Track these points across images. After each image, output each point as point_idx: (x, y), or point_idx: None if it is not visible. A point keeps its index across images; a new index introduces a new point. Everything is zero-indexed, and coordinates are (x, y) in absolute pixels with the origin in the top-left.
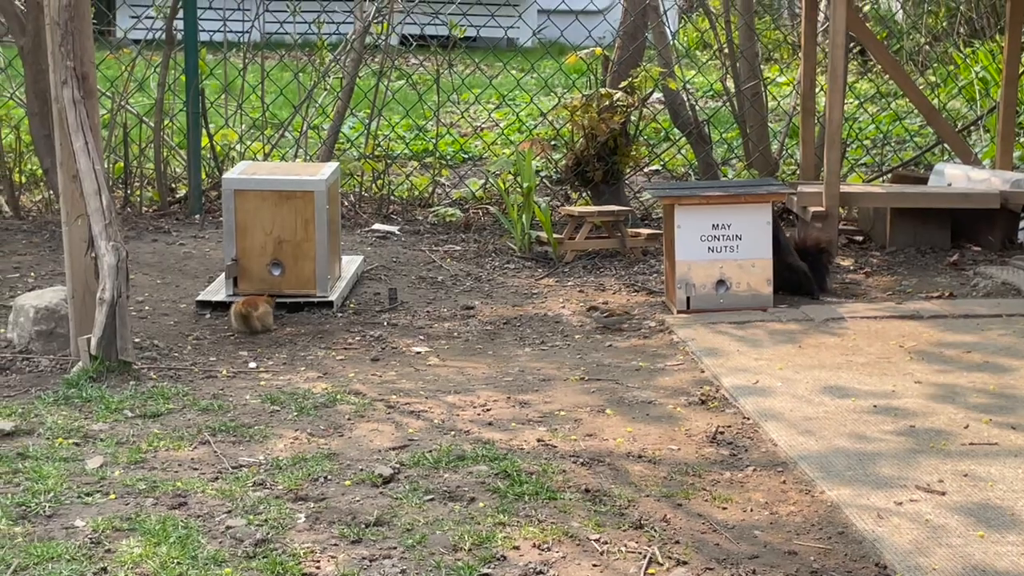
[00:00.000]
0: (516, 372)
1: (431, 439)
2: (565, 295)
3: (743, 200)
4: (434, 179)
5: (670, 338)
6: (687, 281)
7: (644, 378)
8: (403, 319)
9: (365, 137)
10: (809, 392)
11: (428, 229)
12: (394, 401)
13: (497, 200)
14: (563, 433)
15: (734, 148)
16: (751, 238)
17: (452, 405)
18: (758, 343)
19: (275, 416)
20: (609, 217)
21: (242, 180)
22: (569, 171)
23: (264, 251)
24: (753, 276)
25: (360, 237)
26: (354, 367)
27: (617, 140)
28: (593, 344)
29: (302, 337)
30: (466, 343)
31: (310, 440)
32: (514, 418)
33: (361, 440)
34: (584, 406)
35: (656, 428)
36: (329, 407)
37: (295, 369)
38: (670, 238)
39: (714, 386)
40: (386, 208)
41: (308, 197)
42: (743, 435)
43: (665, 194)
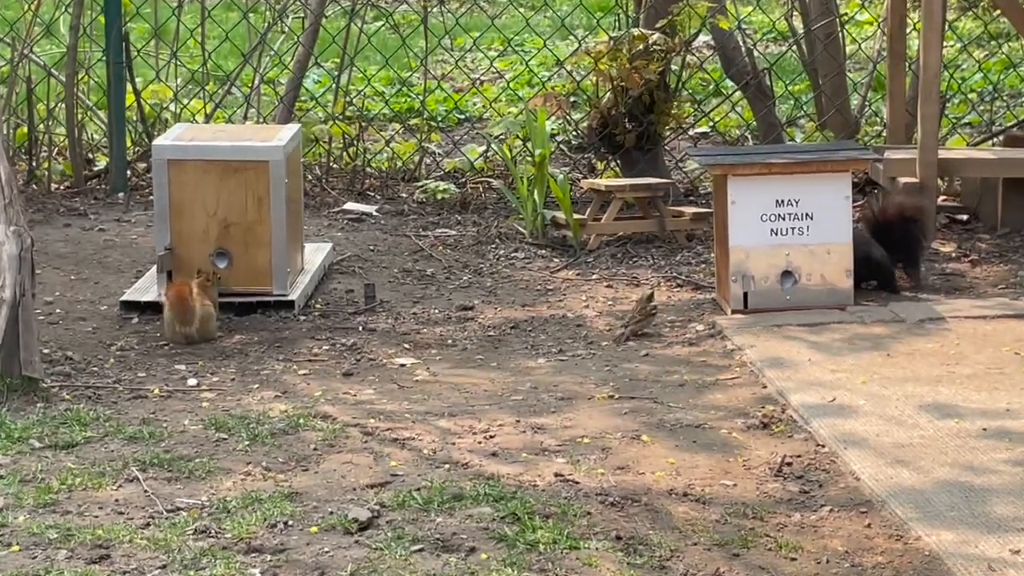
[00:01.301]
0: (527, 389)
1: (420, 474)
2: (589, 291)
3: (815, 169)
4: (421, 146)
5: (723, 345)
6: (744, 273)
7: (690, 395)
8: (383, 323)
9: (333, 93)
10: (901, 411)
11: (414, 209)
12: (372, 426)
13: (502, 172)
14: (587, 465)
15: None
16: (825, 217)
17: (446, 431)
18: (835, 351)
19: (221, 446)
20: (644, 192)
21: (178, 148)
22: (593, 134)
23: (206, 237)
24: (828, 266)
25: (328, 219)
26: (321, 383)
27: (654, 95)
28: (625, 353)
29: (255, 346)
30: (463, 353)
31: (266, 476)
32: (525, 447)
33: (331, 475)
34: (614, 431)
35: (706, 459)
36: (290, 434)
37: (247, 387)
38: (722, 218)
39: (779, 405)
40: (361, 183)
41: (262, 169)
42: (817, 466)
43: (716, 162)
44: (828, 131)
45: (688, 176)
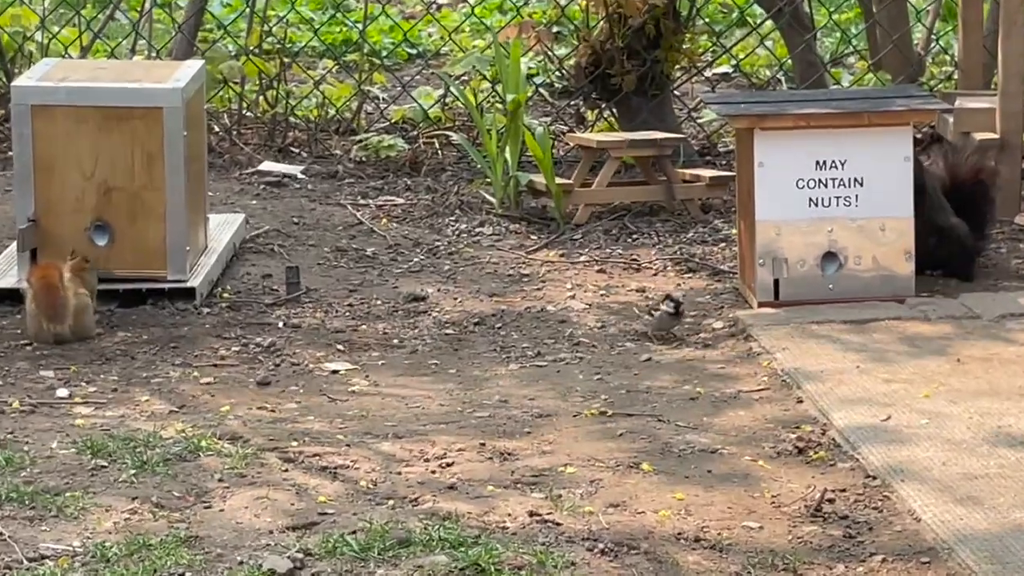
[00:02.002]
0: (495, 403)
1: (355, 512)
2: (575, 278)
3: (866, 121)
4: (360, 89)
5: (747, 347)
6: (774, 255)
7: (704, 412)
8: (310, 317)
9: (247, 20)
10: (973, 435)
11: (351, 171)
12: (295, 451)
13: (464, 123)
14: (571, 502)
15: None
16: (879, 184)
17: (390, 457)
18: (891, 356)
19: (100, 476)
20: (647, 150)
21: (44, 90)
22: (582, 75)
23: (81, 206)
24: (882, 246)
25: (240, 184)
26: (229, 395)
27: (660, 24)
28: (622, 357)
29: (144, 347)
30: (413, 356)
31: (157, 515)
32: (492, 478)
33: (240, 515)
34: (606, 458)
35: (723, 494)
36: (188, 460)
37: (132, 399)
38: (747, 184)
39: (818, 425)
40: (282, 136)
41: (153, 117)
42: (866, 504)
43: (739, 112)
44: (883, 72)
45: (704, 130)
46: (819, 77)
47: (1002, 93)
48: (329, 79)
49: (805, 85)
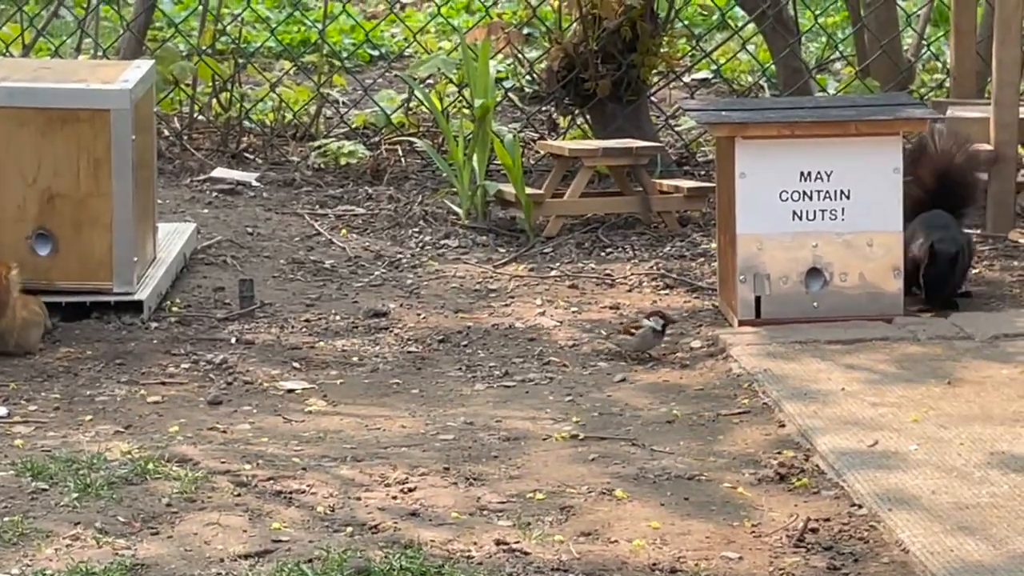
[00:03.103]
0: (461, 425)
1: (312, 540)
2: (546, 294)
3: (853, 131)
4: (319, 92)
5: (726, 367)
6: (756, 271)
7: (681, 436)
8: (264, 333)
9: (200, 18)
10: (966, 461)
11: (309, 178)
12: (248, 474)
13: (429, 129)
14: (541, 530)
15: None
16: (867, 196)
17: (349, 482)
18: (878, 377)
19: (40, 500)
20: (622, 159)
21: None
22: (554, 79)
23: (22, 214)
24: (870, 262)
25: (191, 191)
26: (179, 415)
27: (636, 27)
28: (594, 378)
29: (88, 363)
30: (374, 375)
31: (101, 541)
32: (457, 504)
33: (190, 541)
34: (578, 484)
35: (701, 522)
36: (135, 484)
37: (76, 419)
38: (727, 196)
39: (802, 450)
40: (236, 141)
41: (100, 120)
42: (852, 534)
43: (720, 119)
44: (872, 80)
45: (683, 138)
46: (804, 84)
47: (996, 103)
48: (286, 81)
49: (789, 92)
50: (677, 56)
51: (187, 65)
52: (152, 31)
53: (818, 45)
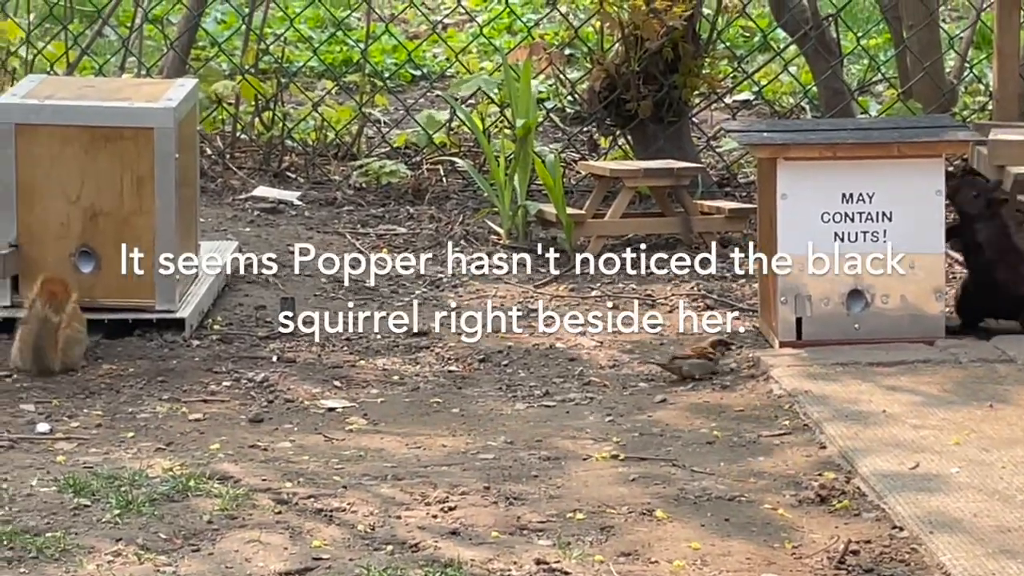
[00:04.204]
0: (501, 445)
1: (352, 558)
2: (587, 313)
3: (896, 153)
4: (361, 112)
5: (767, 389)
6: (797, 292)
7: (722, 457)
8: (306, 352)
9: (243, 38)
10: (1008, 484)
11: (350, 197)
12: (289, 492)
13: (470, 149)
14: (581, 550)
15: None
16: (909, 218)
17: (389, 500)
18: (920, 400)
19: (82, 516)
20: (663, 180)
21: (28, 108)
22: (596, 100)
23: (66, 231)
24: (911, 284)
25: (233, 209)
26: (220, 433)
27: (679, 48)
28: (635, 398)
29: (131, 380)
30: (414, 394)
31: (142, 557)
32: (497, 523)
33: (230, 559)
34: (618, 504)
35: (742, 544)
36: (176, 501)
37: (118, 436)
38: (769, 217)
39: (843, 472)
40: (278, 160)
41: (144, 139)
42: (893, 556)
43: (761, 140)
44: (914, 102)
45: (724, 159)
46: (846, 105)
47: None
48: (328, 101)
49: (831, 114)
50: (719, 77)
51: (230, 84)
52: (195, 50)
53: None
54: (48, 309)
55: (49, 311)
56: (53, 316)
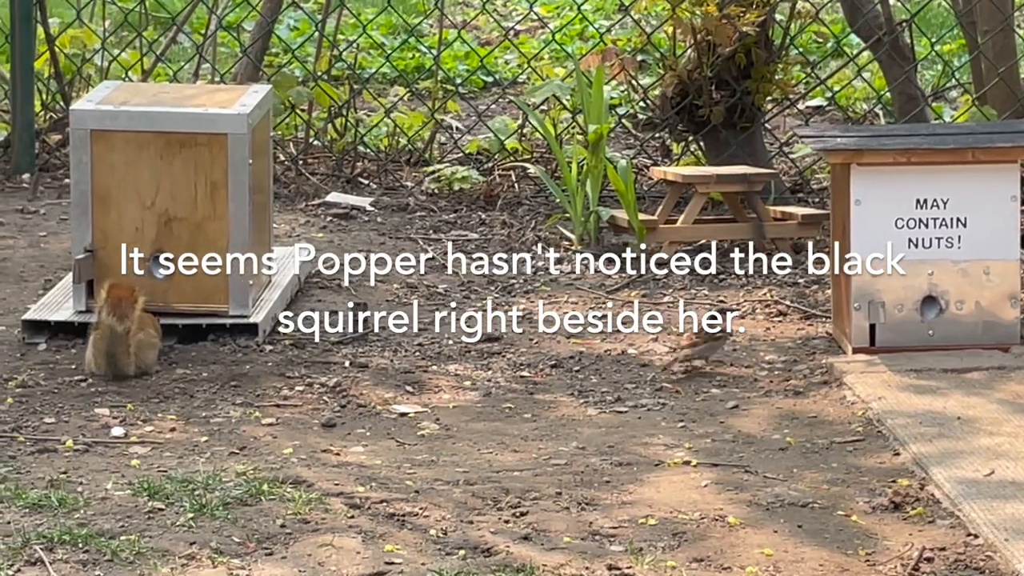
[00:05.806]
0: (573, 450)
1: (425, 562)
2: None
3: (971, 159)
4: (433, 118)
5: (840, 395)
6: (871, 298)
7: (794, 463)
8: (378, 357)
9: (316, 44)
10: None
11: (423, 203)
12: (361, 496)
13: (542, 155)
14: (653, 556)
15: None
16: (984, 224)
17: (462, 505)
18: (995, 407)
19: (156, 519)
20: (736, 186)
21: (104, 114)
22: (668, 106)
23: (141, 236)
24: (986, 291)
25: (306, 215)
26: (293, 437)
27: (751, 53)
28: (707, 404)
29: (204, 385)
30: (486, 399)
31: (216, 561)
32: (569, 528)
33: (304, 563)
34: (690, 510)
35: (815, 550)
36: (250, 505)
37: (192, 440)
38: (842, 223)
39: (917, 479)
40: (351, 166)
41: (218, 144)
42: (968, 564)
43: (835, 146)
44: (988, 107)
45: (796, 165)
46: (919, 111)
47: None
48: (401, 107)
49: (904, 119)
50: (792, 83)
51: (303, 90)
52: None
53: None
54: (112, 318)
55: (114, 320)
56: (118, 325)
